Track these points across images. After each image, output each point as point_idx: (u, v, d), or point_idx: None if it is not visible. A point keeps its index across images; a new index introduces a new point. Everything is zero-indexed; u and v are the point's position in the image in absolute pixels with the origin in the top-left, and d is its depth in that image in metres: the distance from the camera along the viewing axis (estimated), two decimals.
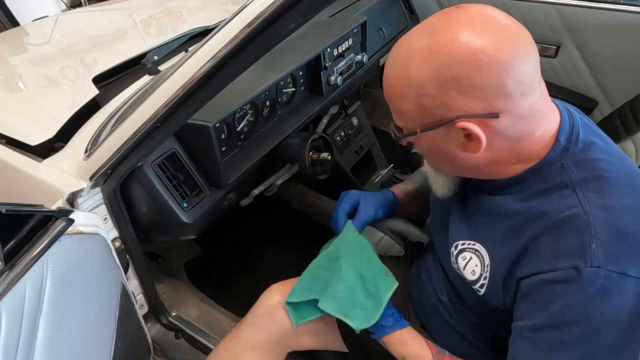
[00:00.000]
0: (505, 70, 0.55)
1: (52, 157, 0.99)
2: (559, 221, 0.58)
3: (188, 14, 1.73)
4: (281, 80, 1.15)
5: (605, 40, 1.43)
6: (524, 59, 0.56)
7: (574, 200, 0.59)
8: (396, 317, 0.82)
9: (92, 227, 0.83)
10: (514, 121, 0.59)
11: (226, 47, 0.66)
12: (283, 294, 0.94)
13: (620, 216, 0.57)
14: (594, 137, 0.65)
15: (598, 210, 0.57)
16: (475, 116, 0.58)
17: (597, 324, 0.56)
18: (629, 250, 0.56)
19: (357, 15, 1.45)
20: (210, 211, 1.03)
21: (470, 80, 0.55)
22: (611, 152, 0.64)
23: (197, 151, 0.98)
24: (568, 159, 0.62)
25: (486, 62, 0.55)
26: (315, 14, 0.66)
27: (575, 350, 0.57)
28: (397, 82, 0.61)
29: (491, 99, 0.56)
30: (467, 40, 0.55)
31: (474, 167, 0.66)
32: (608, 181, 0.60)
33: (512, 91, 0.56)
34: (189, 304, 1.32)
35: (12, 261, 0.65)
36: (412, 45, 0.60)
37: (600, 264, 0.55)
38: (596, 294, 0.55)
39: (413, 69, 0.59)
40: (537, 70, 0.59)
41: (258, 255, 1.62)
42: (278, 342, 0.93)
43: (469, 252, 0.71)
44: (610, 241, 0.56)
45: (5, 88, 1.32)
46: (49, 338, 0.69)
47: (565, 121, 0.64)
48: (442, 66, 0.56)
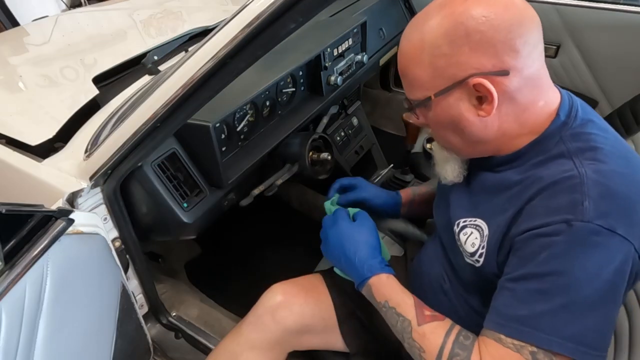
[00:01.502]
0: (514, 26, 0.60)
1: (52, 157, 0.99)
2: (553, 182, 0.61)
3: (188, 14, 1.73)
4: (281, 80, 1.15)
5: (605, 40, 1.43)
6: (529, 22, 0.62)
7: (569, 165, 0.62)
8: (384, 263, 0.82)
9: (92, 227, 0.83)
10: (522, 82, 0.63)
11: (226, 47, 0.66)
12: (284, 293, 0.94)
13: (612, 179, 0.60)
14: (592, 116, 0.69)
15: (592, 173, 0.60)
16: (487, 73, 0.61)
17: (578, 277, 0.57)
18: (618, 210, 0.58)
19: (357, 15, 1.45)
20: (210, 211, 1.03)
21: (482, 35, 0.60)
22: (607, 130, 0.68)
23: (197, 151, 0.98)
24: (566, 132, 0.66)
25: (495, 18, 0.60)
26: (315, 14, 0.66)
27: (552, 301, 0.58)
28: (412, 49, 0.65)
29: (501, 54, 0.61)
30: (479, 4, 0.61)
31: (483, 141, 0.69)
32: (602, 151, 0.63)
33: (520, 48, 0.61)
34: (189, 304, 1.32)
35: (12, 261, 0.65)
36: (425, 18, 0.65)
37: (590, 218, 0.57)
38: (581, 247, 0.57)
39: (427, 34, 0.63)
40: (541, 40, 0.64)
41: (258, 255, 1.62)
42: (279, 342, 0.93)
43: (470, 227, 0.73)
44: (600, 199, 0.58)
45: (5, 88, 1.32)
46: (49, 338, 0.69)
47: (565, 100, 0.68)
48: (456, 24, 0.61)
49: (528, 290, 0.60)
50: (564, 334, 0.58)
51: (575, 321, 0.58)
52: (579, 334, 0.58)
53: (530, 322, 0.60)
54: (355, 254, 0.83)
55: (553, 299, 0.59)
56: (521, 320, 0.61)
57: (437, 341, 0.70)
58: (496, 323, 0.64)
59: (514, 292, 0.62)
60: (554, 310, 0.59)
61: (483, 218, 0.71)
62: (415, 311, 0.74)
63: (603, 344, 0.59)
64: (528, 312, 0.60)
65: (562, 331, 0.58)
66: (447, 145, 0.75)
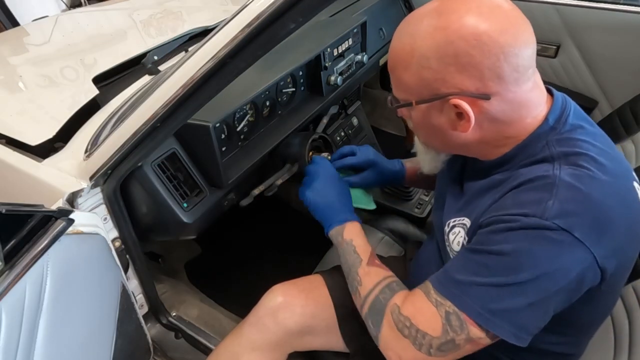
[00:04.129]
0: (504, 54, 0.59)
1: (52, 157, 0.99)
2: (528, 180, 0.63)
3: (188, 14, 1.73)
4: (281, 80, 1.15)
5: (605, 40, 1.43)
6: (522, 48, 0.60)
7: (549, 168, 0.63)
8: (355, 215, 0.94)
9: (92, 227, 0.83)
10: (504, 105, 0.63)
11: (226, 47, 0.66)
12: (285, 295, 0.94)
13: (589, 184, 0.60)
14: (583, 122, 0.68)
15: (567, 176, 0.61)
16: (468, 95, 0.62)
17: (520, 262, 0.60)
18: (585, 215, 0.59)
19: (357, 15, 1.45)
20: (210, 211, 1.03)
21: (470, 59, 0.60)
22: (597, 138, 0.67)
23: (197, 151, 0.98)
24: (553, 137, 0.66)
25: (487, 43, 0.59)
26: (315, 14, 0.66)
27: (490, 277, 0.62)
28: (403, 52, 0.65)
29: (486, 79, 0.61)
30: (473, 22, 0.59)
31: (463, 146, 0.71)
32: (586, 157, 0.63)
33: (506, 75, 0.60)
34: (189, 304, 1.32)
35: (12, 261, 0.65)
36: (420, 20, 0.63)
37: (549, 217, 0.58)
38: (532, 238, 0.59)
39: (419, 41, 0.63)
40: (533, 62, 0.63)
41: (258, 255, 1.62)
42: (279, 343, 0.93)
43: (458, 226, 0.75)
44: (568, 202, 0.59)
45: (5, 88, 1.32)
46: (49, 338, 0.69)
47: (558, 104, 0.68)
48: (447, 42, 0.60)
49: (475, 261, 0.64)
50: (487, 306, 0.62)
51: (503, 300, 0.61)
52: (501, 311, 0.61)
53: (463, 287, 0.64)
54: (335, 200, 0.95)
55: (492, 276, 0.62)
56: (456, 282, 0.65)
57: (375, 279, 0.80)
58: (436, 278, 0.69)
59: (464, 260, 0.66)
60: (487, 285, 0.62)
61: (469, 216, 0.72)
62: (369, 256, 0.85)
63: (524, 326, 0.61)
64: (465, 278, 0.64)
65: (486, 304, 0.62)
66: (426, 144, 0.79)
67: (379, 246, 1.21)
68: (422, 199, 1.45)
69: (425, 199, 1.45)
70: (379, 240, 1.23)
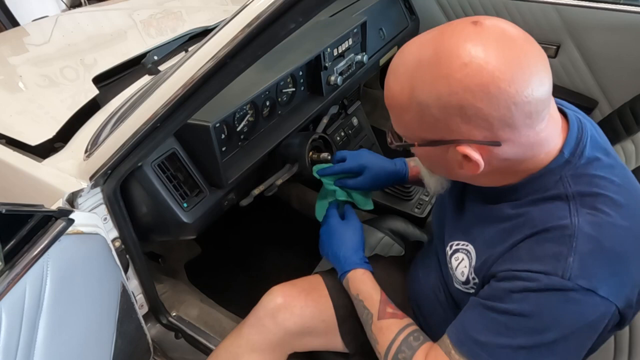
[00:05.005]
0: (515, 104, 0.53)
1: (52, 157, 0.99)
2: (544, 229, 0.59)
3: (188, 14, 1.73)
4: (281, 80, 1.15)
5: (605, 40, 1.43)
6: (536, 89, 0.54)
7: (565, 212, 0.58)
8: (364, 259, 0.91)
9: (92, 227, 0.83)
10: (516, 148, 0.58)
11: (226, 47, 0.66)
12: (284, 296, 0.94)
13: (608, 234, 0.57)
14: (600, 152, 0.63)
15: (586, 225, 0.57)
16: (476, 142, 0.57)
17: (546, 323, 0.57)
18: (606, 270, 0.56)
19: (357, 15, 1.44)
20: (210, 211, 1.03)
21: (477, 111, 0.54)
22: (615, 171, 0.62)
23: (197, 151, 0.98)
24: (568, 171, 0.61)
25: (496, 94, 0.52)
26: (315, 14, 0.66)
27: (516, 339, 0.59)
28: (401, 94, 0.59)
29: (495, 129, 0.55)
30: (479, 69, 0.52)
31: (471, 178, 0.67)
32: (605, 198, 0.59)
33: (518, 124, 0.55)
34: (189, 304, 1.32)
35: (12, 261, 0.65)
36: (420, 58, 0.56)
37: (571, 277, 0.55)
38: (556, 299, 0.56)
39: (419, 87, 0.56)
40: (549, 98, 0.57)
41: (258, 256, 1.62)
42: (279, 344, 0.93)
43: (462, 252, 0.72)
44: (588, 257, 0.56)
45: (5, 88, 1.32)
46: (49, 338, 0.69)
47: (573, 134, 0.62)
48: (451, 93, 0.54)
49: (496, 321, 0.61)
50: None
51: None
52: None
53: (488, 349, 0.61)
54: (340, 249, 0.92)
55: (516, 338, 0.59)
56: (480, 344, 0.62)
57: (389, 336, 0.77)
58: (456, 336, 0.66)
59: (483, 317, 0.63)
60: (514, 347, 0.59)
61: (473, 244, 0.70)
62: (379, 307, 0.81)
63: None
64: (489, 340, 0.61)
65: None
66: (431, 171, 0.75)
67: (378, 246, 1.21)
68: (422, 199, 1.45)
69: (425, 199, 1.45)
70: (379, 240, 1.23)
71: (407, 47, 0.59)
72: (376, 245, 1.21)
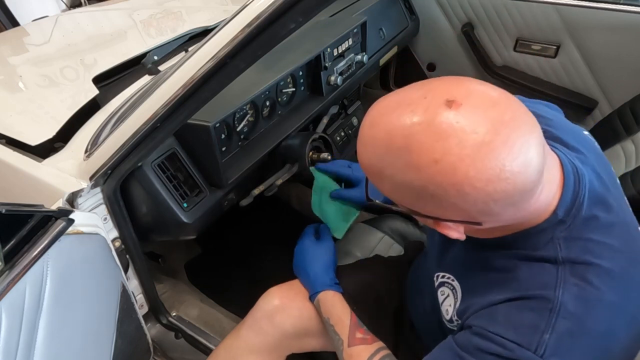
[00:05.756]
0: (495, 200, 0.48)
1: (52, 157, 0.99)
2: (527, 296, 0.55)
3: (188, 14, 1.73)
4: (281, 80, 1.15)
5: (605, 40, 1.43)
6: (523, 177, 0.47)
7: (551, 279, 0.55)
8: (334, 280, 0.92)
9: (92, 227, 0.83)
10: (502, 222, 0.55)
11: (226, 47, 0.66)
12: (281, 297, 0.94)
13: (593, 312, 0.53)
14: (599, 209, 0.58)
15: (571, 300, 0.53)
16: (455, 222, 0.54)
17: None
18: (583, 352, 0.53)
19: (357, 15, 1.45)
20: (210, 211, 1.03)
21: (452, 205, 0.49)
22: (614, 231, 0.58)
23: (197, 151, 0.98)
24: (561, 232, 0.56)
25: (472, 194, 0.47)
26: (315, 14, 0.66)
27: None
28: (372, 167, 0.54)
29: (475, 216, 0.51)
30: (452, 167, 0.46)
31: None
32: (597, 269, 0.55)
33: (499, 212, 0.50)
34: (189, 304, 1.32)
35: (12, 261, 0.65)
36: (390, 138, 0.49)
37: (545, 355, 0.52)
38: None
39: (389, 169, 0.51)
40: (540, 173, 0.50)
41: (258, 255, 1.62)
42: (277, 346, 0.93)
43: (447, 287, 0.70)
44: (566, 336, 0.53)
45: (5, 88, 1.32)
46: (49, 338, 0.69)
47: (569, 191, 0.57)
48: (421, 185, 0.49)
49: None
50: None
51: None
52: None
53: None
54: (311, 268, 0.93)
55: None
56: None
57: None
58: None
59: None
60: None
61: (459, 280, 0.68)
62: (348, 332, 0.81)
63: None
64: None
65: None
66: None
67: (378, 246, 1.21)
68: None
69: None
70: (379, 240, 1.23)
71: (378, 118, 0.52)
72: (376, 245, 1.21)
